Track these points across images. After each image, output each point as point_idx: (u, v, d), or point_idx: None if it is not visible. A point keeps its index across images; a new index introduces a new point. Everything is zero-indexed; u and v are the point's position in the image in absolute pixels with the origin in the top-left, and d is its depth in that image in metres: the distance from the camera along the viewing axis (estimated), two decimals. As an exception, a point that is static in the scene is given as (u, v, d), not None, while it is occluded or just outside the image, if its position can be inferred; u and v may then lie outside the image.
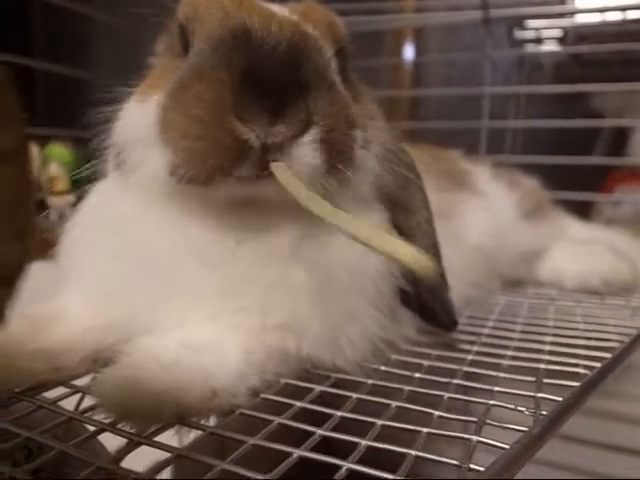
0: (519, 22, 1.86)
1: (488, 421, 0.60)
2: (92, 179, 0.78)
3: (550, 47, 1.90)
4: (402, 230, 0.79)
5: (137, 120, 0.67)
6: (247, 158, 0.60)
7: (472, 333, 0.92)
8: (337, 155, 0.64)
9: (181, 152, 0.61)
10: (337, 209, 0.57)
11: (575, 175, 1.65)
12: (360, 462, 0.52)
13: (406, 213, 0.79)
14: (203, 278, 0.68)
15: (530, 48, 1.92)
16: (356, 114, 0.68)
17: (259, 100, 0.58)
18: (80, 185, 0.79)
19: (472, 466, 0.50)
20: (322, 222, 0.70)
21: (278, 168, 0.61)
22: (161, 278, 0.69)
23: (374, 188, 0.75)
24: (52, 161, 2.93)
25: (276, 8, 0.70)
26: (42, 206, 2.80)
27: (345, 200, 0.71)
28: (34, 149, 2.80)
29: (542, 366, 0.77)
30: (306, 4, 0.74)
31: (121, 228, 0.72)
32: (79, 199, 0.80)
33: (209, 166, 0.60)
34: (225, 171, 0.61)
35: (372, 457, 0.55)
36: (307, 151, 0.61)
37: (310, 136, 0.61)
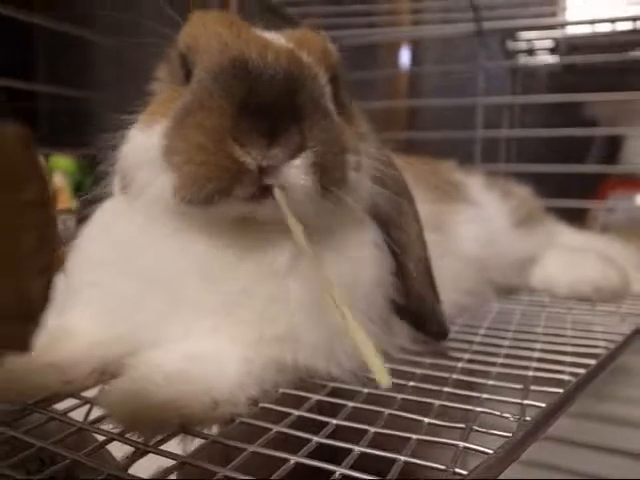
0: (512, 34, 1.90)
1: (475, 427, 0.63)
2: (98, 199, 0.82)
3: (542, 57, 1.94)
4: (394, 244, 0.83)
5: (143, 146, 0.71)
6: (245, 179, 0.64)
7: (464, 341, 0.96)
8: (329, 178, 0.67)
9: (185, 176, 0.65)
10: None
11: (570, 181, 1.69)
12: (354, 468, 0.56)
13: (397, 228, 0.83)
14: (205, 293, 0.72)
15: (523, 59, 1.95)
16: (348, 139, 0.72)
17: (256, 126, 0.62)
18: (83, 196, 0.83)
19: (457, 470, 0.53)
20: (318, 239, 0.75)
21: (280, 196, 0.65)
22: (165, 293, 0.73)
23: (367, 207, 0.79)
24: (56, 172, 2.97)
25: (273, 37, 0.74)
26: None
27: (340, 219, 0.75)
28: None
29: (530, 373, 0.80)
30: (301, 32, 0.78)
31: (127, 246, 0.76)
32: (81, 211, 0.84)
33: (210, 188, 0.64)
34: (225, 192, 0.64)
35: (365, 463, 0.58)
36: (300, 173, 0.65)
37: (303, 159, 0.65)
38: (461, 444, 0.59)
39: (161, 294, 0.73)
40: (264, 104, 0.62)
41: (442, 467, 0.54)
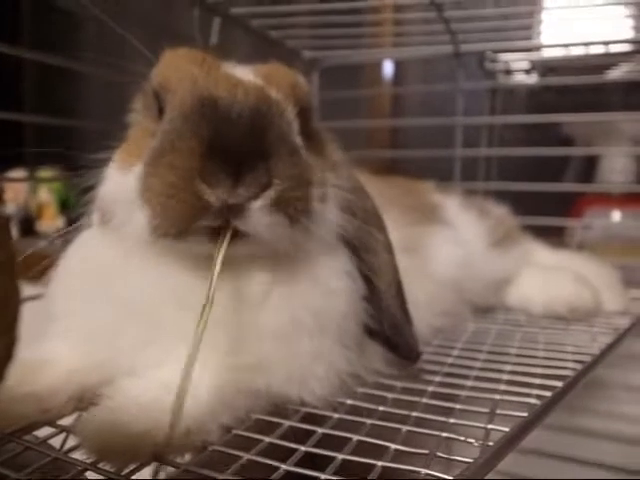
0: (489, 55, 1.95)
1: (439, 454, 0.65)
2: (78, 229, 0.84)
3: (519, 78, 1.98)
4: (365, 270, 0.85)
5: (121, 187, 0.73)
6: (209, 216, 0.66)
7: (437, 362, 0.98)
8: (295, 209, 0.70)
9: (157, 212, 0.67)
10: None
11: (548, 199, 1.73)
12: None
13: (368, 255, 0.85)
14: (180, 321, 0.74)
15: (502, 79, 2.00)
16: (314, 172, 0.75)
17: (223, 166, 0.64)
18: (68, 211, 0.85)
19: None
20: (291, 270, 0.77)
21: (224, 241, 0.68)
22: (142, 322, 0.75)
23: (336, 235, 0.81)
24: (42, 187, 2.97)
25: (242, 72, 0.76)
26: (31, 231, 2.85)
27: (309, 247, 0.77)
28: (24, 175, 2.85)
29: (497, 396, 0.83)
30: (270, 66, 0.80)
31: (105, 275, 0.78)
32: (67, 226, 0.86)
33: (179, 223, 0.67)
34: (192, 227, 0.67)
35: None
36: (265, 210, 0.67)
37: (268, 197, 0.67)
38: (423, 471, 0.61)
39: (138, 322, 0.75)
40: (231, 144, 0.64)
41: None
